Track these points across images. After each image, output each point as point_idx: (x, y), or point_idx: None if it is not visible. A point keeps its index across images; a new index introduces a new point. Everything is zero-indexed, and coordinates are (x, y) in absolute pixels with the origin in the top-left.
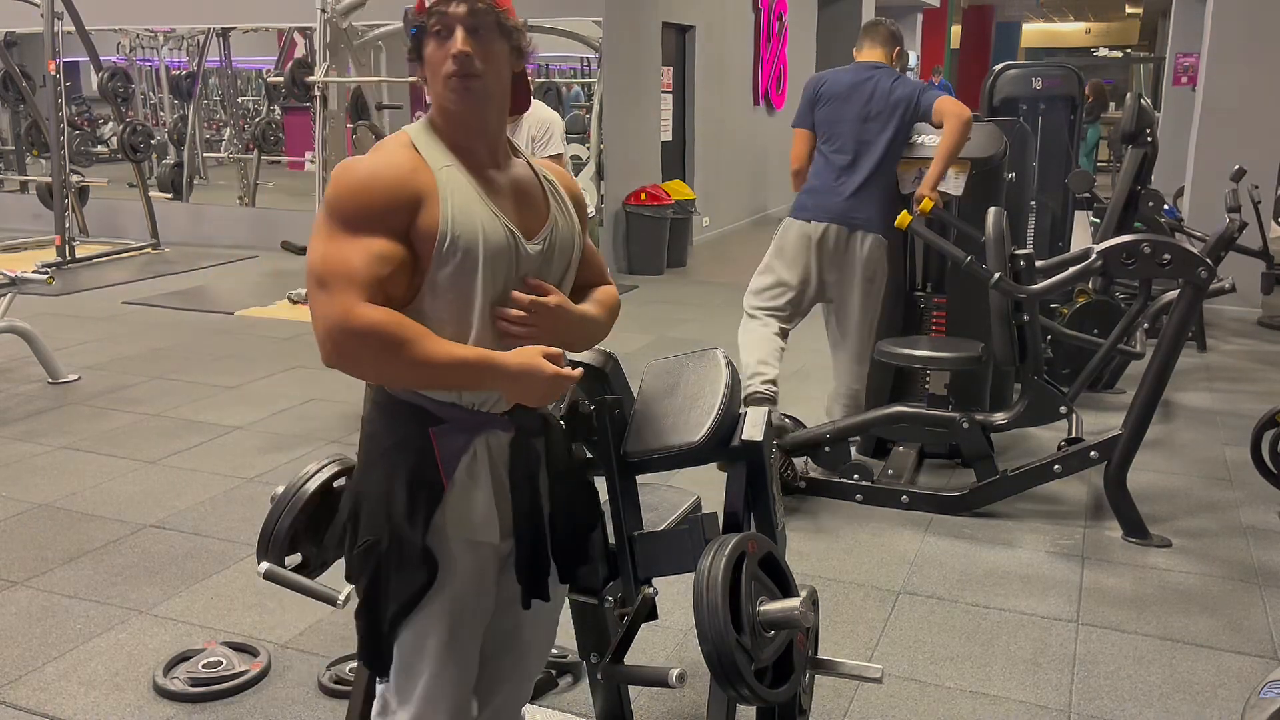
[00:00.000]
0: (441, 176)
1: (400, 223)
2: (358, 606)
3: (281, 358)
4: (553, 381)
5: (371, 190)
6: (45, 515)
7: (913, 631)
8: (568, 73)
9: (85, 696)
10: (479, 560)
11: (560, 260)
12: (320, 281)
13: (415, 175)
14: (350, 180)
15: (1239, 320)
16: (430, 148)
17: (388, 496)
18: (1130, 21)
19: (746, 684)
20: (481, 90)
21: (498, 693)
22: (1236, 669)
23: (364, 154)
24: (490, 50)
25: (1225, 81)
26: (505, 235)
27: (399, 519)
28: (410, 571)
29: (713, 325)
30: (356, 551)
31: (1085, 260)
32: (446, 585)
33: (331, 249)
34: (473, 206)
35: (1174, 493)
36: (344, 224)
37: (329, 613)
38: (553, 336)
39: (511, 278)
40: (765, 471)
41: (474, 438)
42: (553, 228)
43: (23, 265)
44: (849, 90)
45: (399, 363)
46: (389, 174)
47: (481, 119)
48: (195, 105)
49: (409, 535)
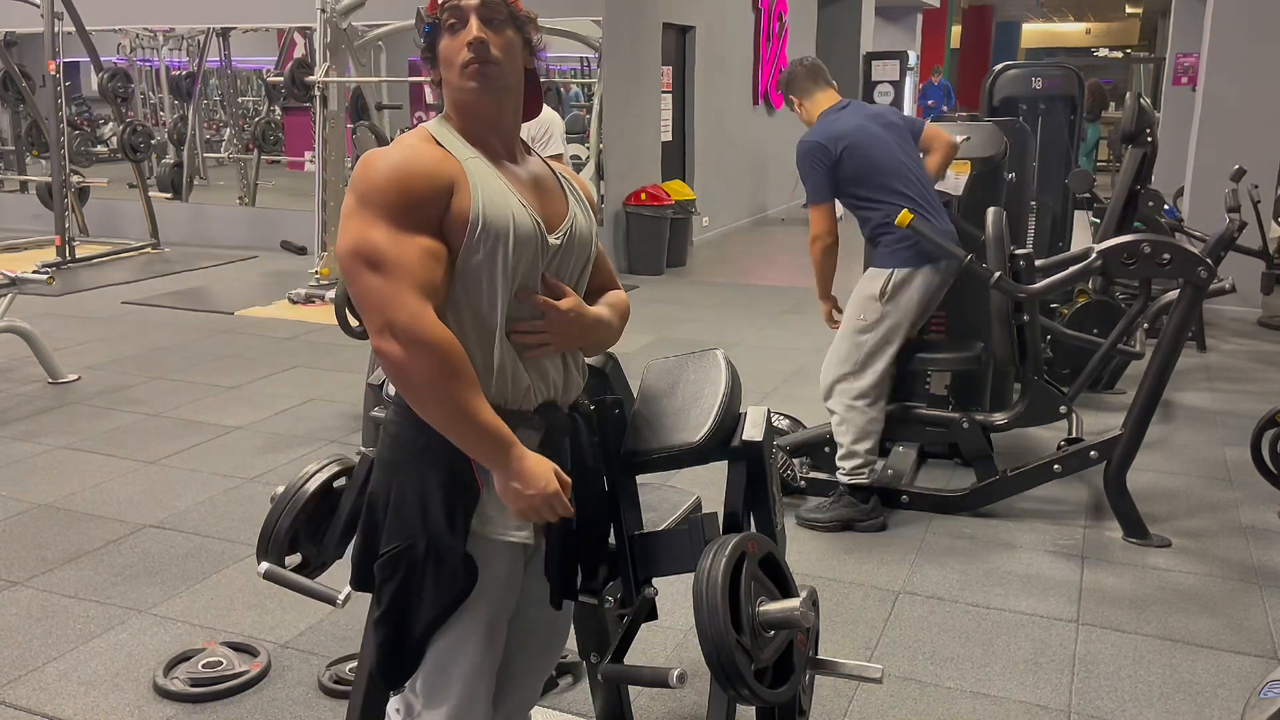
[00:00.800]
0: (469, 166)
1: (438, 212)
2: (379, 614)
3: (281, 358)
4: (547, 500)
5: (411, 177)
6: (45, 515)
7: (913, 631)
8: (568, 73)
9: (85, 696)
10: (512, 561)
11: (579, 255)
12: (374, 264)
13: (447, 163)
14: (388, 168)
15: (1239, 320)
16: (452, 141)
17: (421, 500)
18: (1130, 22)
19: (746, 684)
20: (498, 77)
21: (513, 694)
22: (1236, 669)
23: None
24: (505, 40)
25: (1225, 81)
26: (532, 224)
27: (436, 523)
28: (450, 577)
29: (713, 325)
30: (386, 557)
31: (1085, 260)
32: (487, 588)
33: (385, 240)
34: (503, 194)
35: (1174, 493)
36: (388, 214)
37: (329, 613)
38: (566, 341)
39: (535, 269)
40: (765, 471)
41: None
42: (573, 221)
43: (23, 265)
44: (878, 132)
45: (445, 390)
46: (424, 161)
47: (498, 109)
48: (195, 105)
49: (448, 540)
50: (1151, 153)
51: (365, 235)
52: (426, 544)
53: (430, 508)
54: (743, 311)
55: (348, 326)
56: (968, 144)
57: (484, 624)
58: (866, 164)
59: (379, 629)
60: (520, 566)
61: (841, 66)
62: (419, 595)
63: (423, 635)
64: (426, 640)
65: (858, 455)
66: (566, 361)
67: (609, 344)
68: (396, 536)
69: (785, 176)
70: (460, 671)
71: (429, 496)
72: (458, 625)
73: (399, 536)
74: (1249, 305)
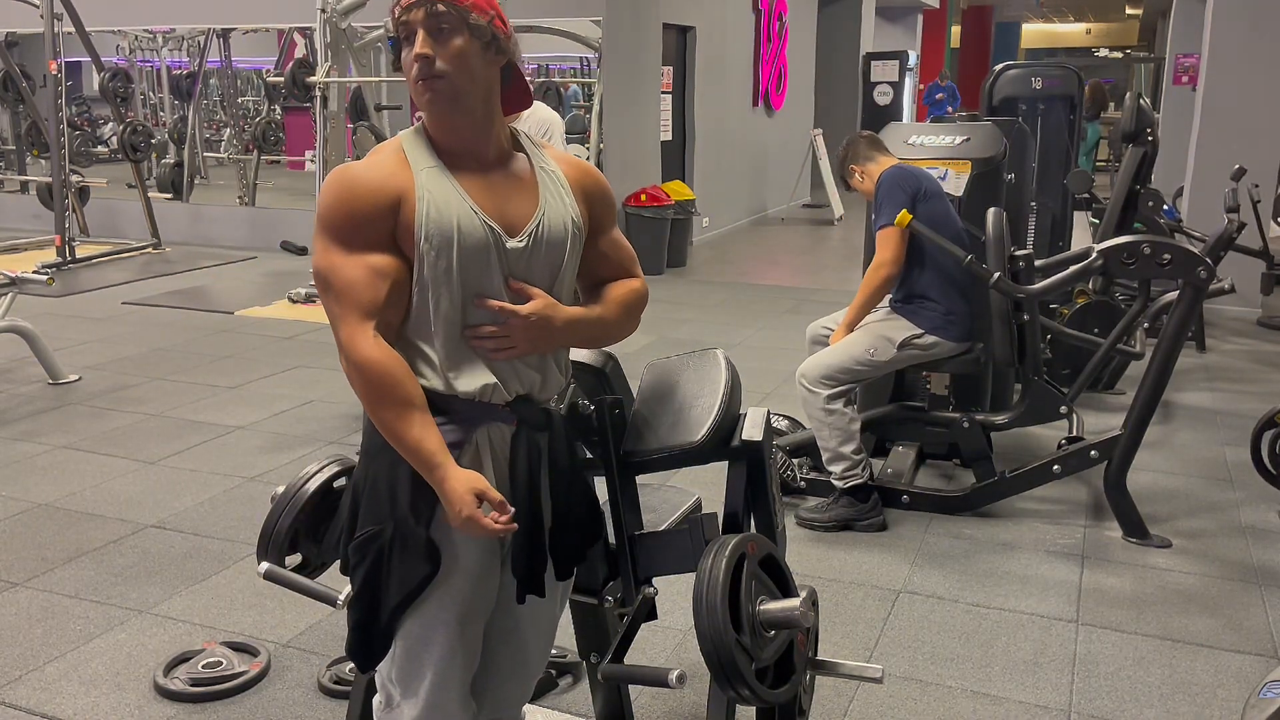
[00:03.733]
0: (421, 177)
1: (386, 228)
2: (352, 598)
3: (281, 358)
4: (466, 522)
5: (354, 198)
6: (45, 515)
7: (913, 631)
8: (568, 73)
9: (85, 696)
10: (483, 551)
11: (550, 255)
12: (324, 286)
13: (394, 178)
14: (334, 190)
15: (1239, 320)
16: (416, 150)
17: (390, 487)
18: (1130, 22)
19: (746, 684)
20: (447, 89)
21: (497, 692)
22: (1236, 669)
23: (363, 154)
24: (453, 49)
25: (1225, 81)
26: (483, 232)
27: (403, 510)
28: (413, 562)
29: (713, 325)
30: (359, 540)
31: (1086, 259)
32: (453, 575)
33: (334, 262)
34: (449, 204)
35: (1174, 493)
36: (335, 237)
37: (329, 613)
38: (532, 345)
39: (490, 273)
40: (765, 471)
41: (474, 429)
42: (539, 222)
43: (23, 265)
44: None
45: (376, 409)
46: (368, 180)
47: (451, 118)
48: (195, 105)
49: (412, 525)
50: (1151, 152)
51: (320, 257)
52: (394, 529)
53: (398, 494)
54: (743, 311)
55: None
56: (968, 144)
57: (453, 614)
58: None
59: (352, 611)
60: (496, 561)
61: (841, 66)
62: (386, 580)
63: (390, 618)
64: (395, 623)
65: (845, 457)
66: (545, 358)
67: (606, 340)
68: (368, 521)
69: (785, 176)
70: (431, 659)
71: (398, 484)
72: (425, 613)
73: (370, 521)
74: (1249, 305)
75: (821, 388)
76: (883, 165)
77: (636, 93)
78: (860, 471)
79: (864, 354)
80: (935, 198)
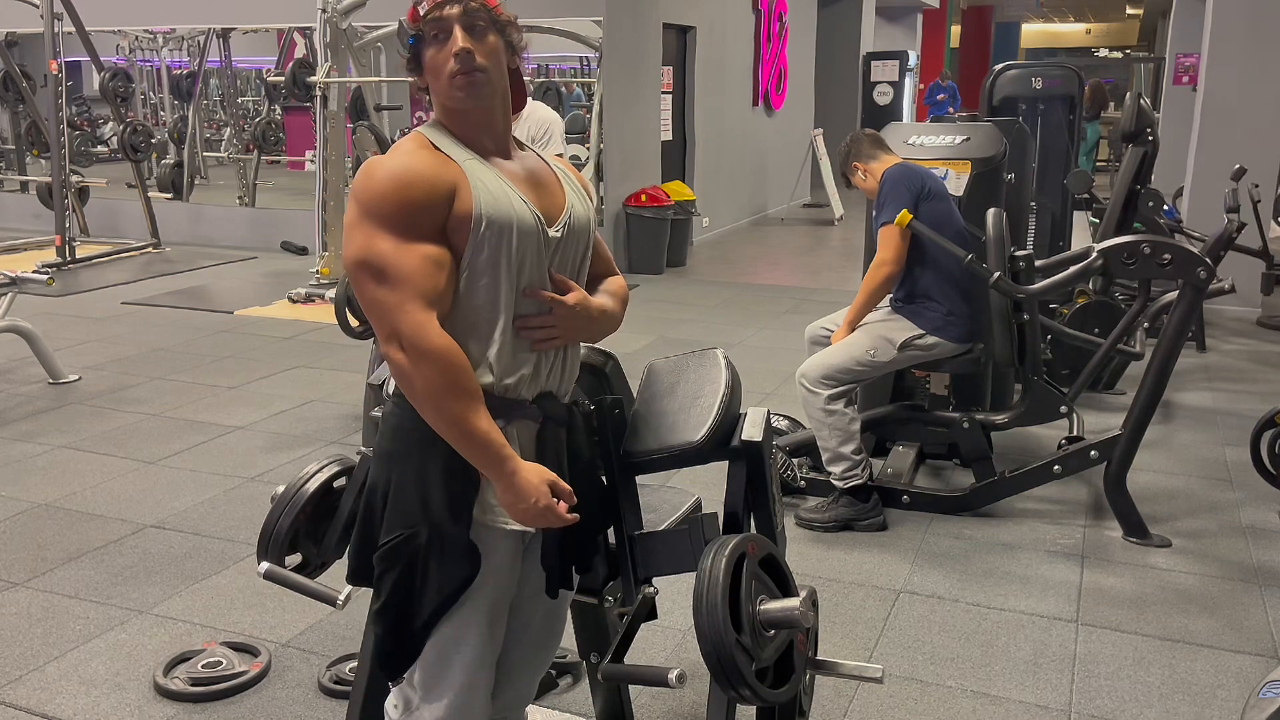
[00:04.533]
0: (467, 168)
1: (440, 218)
2: (379, 606)
3: (281, 358)
4: (541, 513)
5: (412, 186)
6: (45, 515)
7: (913, 631)
8: (568, 73)
9: (85, 696)
10: (511, 549)
11: (579, 245)
12: (379, 276)
13: (446, 168)
14: (389, 177)
15: (1239, 320)
16: (448, 145)
17: (423, 489)
18: (1130, 22)
19: (746, 684)
20: (486, 83)
21: (510, 687)
22: (1236, 669)
23: (363, 154)
24: (488, 46)
25: (1225, 81)
26: (533, 218)
27: (439, 511)
28: (453, 564)
29: (713, 325)
30: (386, 546)
31: (1086, 259)
32: (489, 576)
33: (386, 251)
34: (503, 191)
35: (1174, 493)
36: (390, 225)
37: (329, 613)
38: (573, 334)
39: (539, 262)
40: (765, 471)
41: (505, 425)
42: (570, 212)
43: (23, 265)
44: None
45: (444, 401)
46: (424, 168)
47: (489, 112)
48: (195, 105)
49: (451, 528)
50: (1151, 152)
51: (370, 246)
52: (429, 533)
53: (432, 497)
54: (743, 311)
55: (348, 326)
56: (967, 144)
57: (485, 613)
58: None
59: (380, 620)
60: (520, 555)
61: (841, 66)
62: (421, 585)
63: (425, 625)
64: (428, 630)
65: (845, 458)
66: (564, 353)
67: (610, 331)
68: (397, 526)
69: (785, 177)
70: (462, 661)
71: (430, 486)
72: (459, 615)
73: (400, 526)
74: (1249, 305)
75: (822, 388)
76: (886, 163)
77: (636, 93)
78: (860, 472)
79: (864, 354)
80: (939, 198)
